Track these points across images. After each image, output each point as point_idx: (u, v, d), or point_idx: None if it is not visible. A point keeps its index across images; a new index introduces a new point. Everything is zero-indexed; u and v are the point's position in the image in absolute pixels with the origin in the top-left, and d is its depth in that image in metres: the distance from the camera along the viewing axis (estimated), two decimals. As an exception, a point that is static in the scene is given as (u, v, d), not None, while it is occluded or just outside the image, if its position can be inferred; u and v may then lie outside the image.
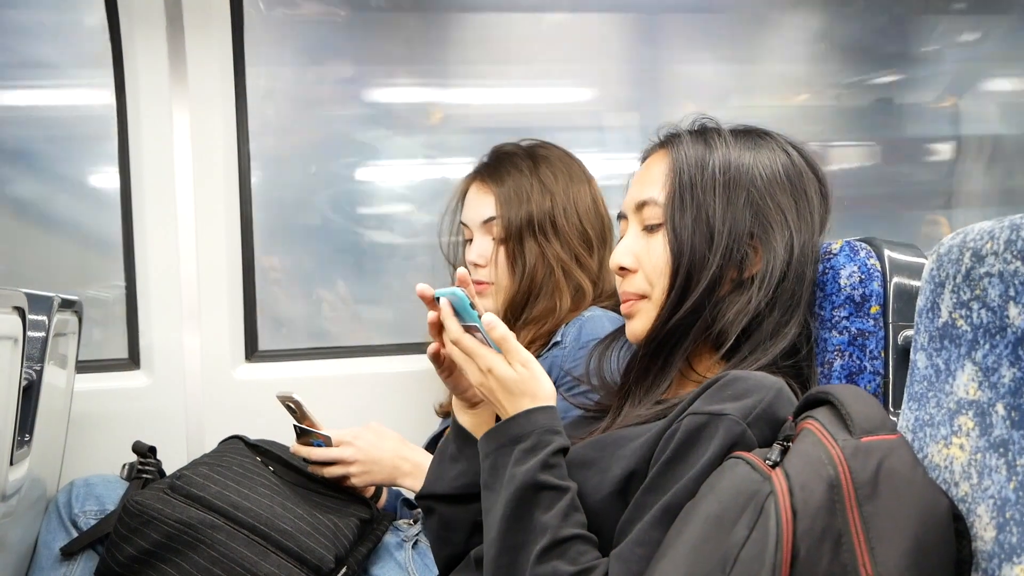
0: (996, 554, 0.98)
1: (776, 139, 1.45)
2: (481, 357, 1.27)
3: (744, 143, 1.42)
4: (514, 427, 1.26)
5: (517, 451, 1.24)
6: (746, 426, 1.14)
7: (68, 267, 2.44)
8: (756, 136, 1.45)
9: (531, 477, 1.21)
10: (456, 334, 1.28)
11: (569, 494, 1.21)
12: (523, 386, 1.27)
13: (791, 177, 1.41)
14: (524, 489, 1.21)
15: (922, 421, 1.13)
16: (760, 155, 1.41)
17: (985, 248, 1.02)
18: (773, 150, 1.43)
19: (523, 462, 1.22)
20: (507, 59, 2.71)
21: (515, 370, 1.27)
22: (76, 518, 1.93)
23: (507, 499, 1.22)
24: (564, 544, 1.17)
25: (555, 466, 1.23)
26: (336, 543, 1.77)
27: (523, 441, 1.24)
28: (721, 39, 2.81)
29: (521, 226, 1.98)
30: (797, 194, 1.40)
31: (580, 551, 1.18)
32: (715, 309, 1.37)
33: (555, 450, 1.24)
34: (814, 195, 1.42)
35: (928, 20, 3.02)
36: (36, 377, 1.65)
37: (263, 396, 1.96)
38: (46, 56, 2.41)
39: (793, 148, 1.45)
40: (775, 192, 1.39)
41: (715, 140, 1.42)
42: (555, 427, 1.26)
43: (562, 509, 1.19)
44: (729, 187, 1.38)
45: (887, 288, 1.39)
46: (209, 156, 2.29)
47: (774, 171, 1.40)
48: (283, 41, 2.51)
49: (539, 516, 1.19)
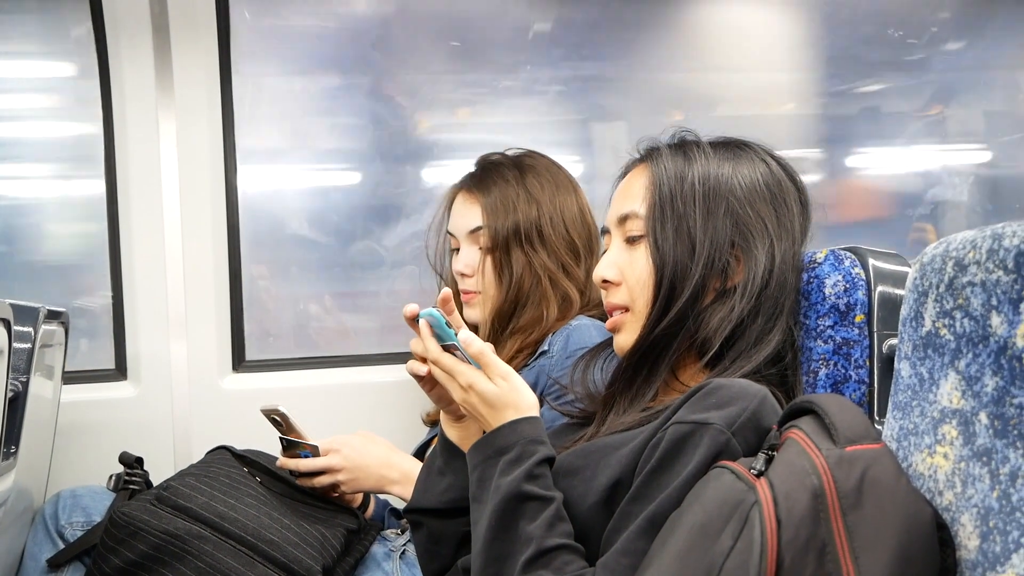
0: (980, 563, 0.99)
1: (755, 150, 1.46)
2: (460, 374, 1.28)
3: (723, 154, 1.43)
4: (499, 439, 1.26)
5: (502, 462, 1.24)
6: (731, 435, 1.14)
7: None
8: (735, 147, 1.46)
9: (515, 488, 1.21)
10: (435, 355, 1.29)
11: (554, 504, 1.21)
12: (505, 399, 1.27)
13: (771, 187, 1.42)
14: (509, 500, 1.21)
15: (906, 430, 1.13)
16: (740, 166, 1.42)
17: (968, 257, 1.03)
18: (752, 161, 1.43)
19: (508, 473, 1.23)
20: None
21: (496, 384, 1.27)
22: (63, 529, 1.92)
23: (492, 510, 1.22)
24: (549, 554, 1.17)
25: (540, 476, 1.23)
26: (323, 553, 1.77)
27: (508, 452, 1.24)
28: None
29: (508, 236, 1.98)
30: (777, 203, 1.41)
31: (565, 561, 1.18)
32: (698, 318, 1.37)
33: (539, 460, 1.24)
34: (794, 204, 1.43)
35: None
36: (22, 388, 1.65)
37: (250, 406, 1.95)
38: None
39: (772, 158, 1.46)
40: (755, 202, 1.40)
41: (694, 152, 1.43)
42: (539, 437, 1.26)
43: (547, 519, 1.20)
44: (709, 198, 1.38)
45: (872, 297, 1.40)
46: (195, 165, 2.28)
47: (754, 181, 1.41)
48: (269, 50, 2.52)
49: (524, 527, 1.20)
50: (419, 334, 1.31)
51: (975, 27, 3.04)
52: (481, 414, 1.28)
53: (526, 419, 1.27)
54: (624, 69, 2.81)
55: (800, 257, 1.43)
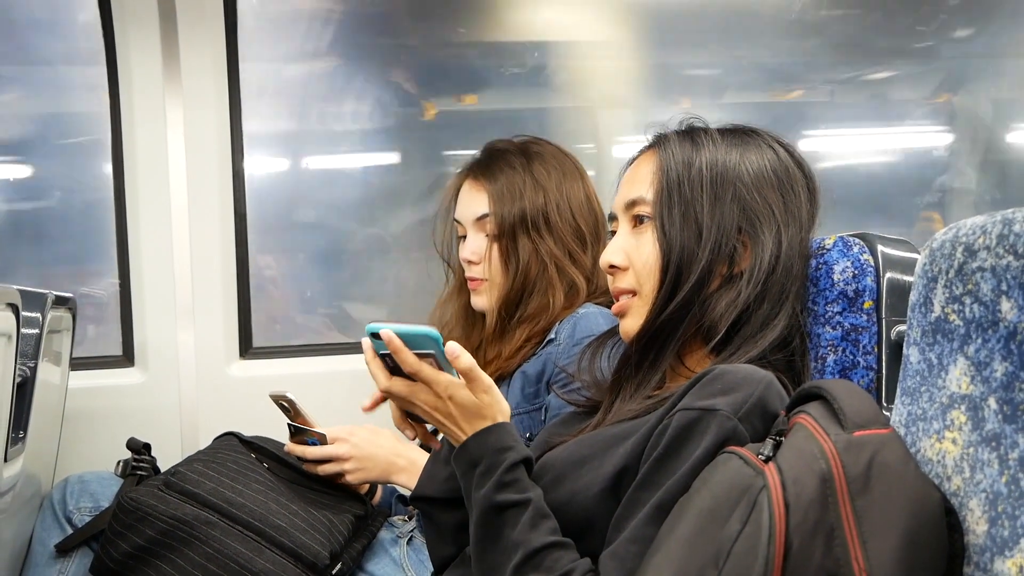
0: (988, 548, 0.98)
1: (763, 136, 1.46)
2: (439, 384, 1.26)
3: (731, 141, 1.43)
4: (469, 452, 1.27)
5: (476, 475, 1.25)
6: (738, 421, 1.15)
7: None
8: (743, 134, 1.45)
9: (489, 500, 1.22)
10: (414, 365, 1.26)
11: (531, 505, 1.22)
12: (485, 411, 1.27)
13: (778, 173, 1.41)
14: (485, 513, 1.23)
15: (915, 416, 1.13)
16: (747, 152, 1.42)
17: (977, 243, 1.02)
18: (760, 147, 1.43)
19: (481, 486, 1.24)
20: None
21: (478, 398, 1.27)
22: (71, 515, 1.93)
23: (475, 524, 1.24)
24: (537, 556, 1.18)
25: (510, 483, 1.23)
26: (331, 539, 1.77)
27: (479, 464, 1.25)
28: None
29: (514, 223, 1.97)
30: (784, 190, 1.41)
31: (555, 558, 1.18)
32: (704, 304, 1.37)
33: (508, 467, 1.24)
34: (801, 191, 1.43)
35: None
36: (30, 374, 1.65)
37: (257, 393, 1.96)
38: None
39: (780, 145, 1.45)
40: (763, 188, 1.39)
41: (702, 139, 1.43)
42: (505, 444, 1.26)
43: (527, 522, 1.20)
44: (716, 183, 1.38)
45: (880, 283, 1.40)
46: (203, 152, 2.28)
47: (761, 167, 1.41)
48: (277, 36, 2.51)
49: (508, 534, 1.21)
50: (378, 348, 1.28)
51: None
52: (456, 423, 1.28)
53: (489, 428, 1.27)
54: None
55: (807, 244, 1.43)
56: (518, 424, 1.90)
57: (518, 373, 1.93)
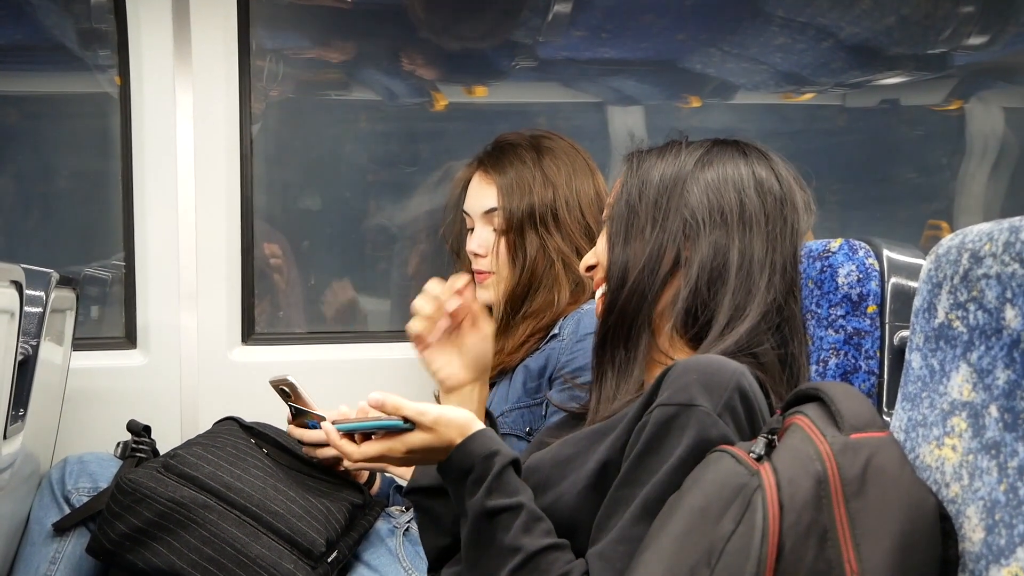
0: (984, 556, 0.98)
1: (742, 147, 1.44)
2: (392, 451, 1.28)
3: (697, 153, 1.42)
4: (456, 462, 1.26)
5: (468, 483, 1.25)
6: (716, 416, 1.15)
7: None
8: (715, 145, 1.44)
9: (480, 507, 1.22)
10: (360, 455, 1.29)
11: (524, 508, 1.22)
12: (447, 432, 1.26)
13: (743, 180, 1.39)
14: (478, 520, 1.22)
15: (915, 421, 1.13)
16: (711, 162, 1.41)
17: (984, 250, 1.02)
18: (734, 158, 1.42)
19: (474, 493, 1.24)
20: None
21: (432, 432, 1.26)
22: (69, 495, 1.93)
23: (469, 530, 1.24)
24: (533, 559, 1.18)
25: (500, 488, 1.23)
26: (327, 527, 1.77)
27: (472, 472, 1.25)
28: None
29: (522, 218, 1.97)
30: (746, 196, 1.39)
31: (551, 560, 1.18)
32: (658, 292, 1.37)
33: (497, 472, 1.24)
34: (767, 195, 1.39)
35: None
36: (32, 352, 1.66)
37: (259, 378, 1.95)
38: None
39: (759, 156, 1.44)
40: (717, 193, 1.38)
41: (669, 151, 1.43)
42: (491, 449, 1.26)
43: (521, 526, 1.20)
44: (669, 186, 1.39)
45: (885, 288, 1.39)
46: (211, 137, 2.28)
47: (723, 175, 1.39)
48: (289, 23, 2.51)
49: (502, 539, 1.20)
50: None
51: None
52: (434, 457, 1.29)
53: (470, 437, 1.27)
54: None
55: (788, 246, 1.40)
56: (519, 418, 1.91)
57: (520, 367, 1.93)
